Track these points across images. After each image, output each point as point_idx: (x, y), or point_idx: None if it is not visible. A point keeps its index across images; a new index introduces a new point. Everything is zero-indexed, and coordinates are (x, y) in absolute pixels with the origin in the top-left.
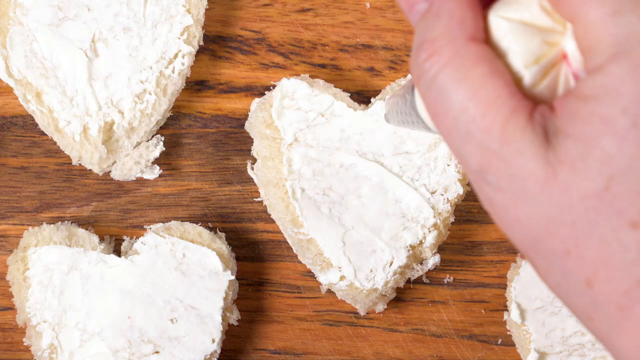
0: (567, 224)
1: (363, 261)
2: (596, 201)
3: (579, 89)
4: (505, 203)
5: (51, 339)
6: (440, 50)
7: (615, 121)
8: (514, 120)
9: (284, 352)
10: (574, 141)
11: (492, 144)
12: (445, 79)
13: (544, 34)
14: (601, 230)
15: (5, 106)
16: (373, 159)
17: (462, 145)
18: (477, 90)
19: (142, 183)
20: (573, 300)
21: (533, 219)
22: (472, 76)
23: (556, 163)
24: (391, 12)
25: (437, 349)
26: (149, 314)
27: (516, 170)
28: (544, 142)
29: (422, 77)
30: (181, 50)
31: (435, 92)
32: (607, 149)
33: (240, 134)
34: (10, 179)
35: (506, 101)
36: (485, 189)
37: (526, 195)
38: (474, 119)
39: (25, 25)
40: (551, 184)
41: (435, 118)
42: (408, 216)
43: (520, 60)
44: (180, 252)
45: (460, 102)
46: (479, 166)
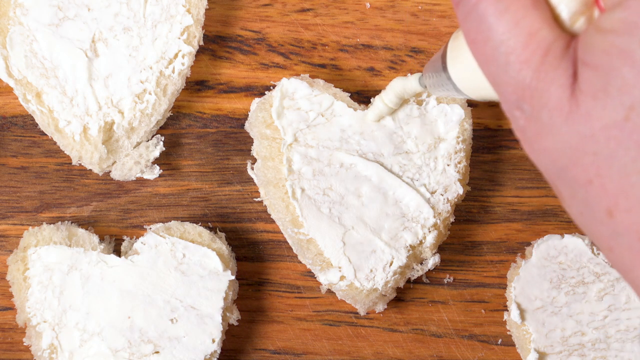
0: (589, 154)
1: (363, 261)
2: (617, 131)
3: (598, 22)
4: (535, 132)
5: (51, 339)
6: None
7: (634, 52)
8: (552, 52)
9: (284, 352)
10: (594, 71)
11: (529, 75)
12: (487, 8)
13: None
14: (622, 160)
15: (5, 106)
16: (373, 159)
17: (499, 74)
18: (518, 22)
19: (142, 183)
20: (595, 229)
21: (558, 148)
22: (514, 7)
23: (579, 93)
24: (391, 12)
25: (437, 349)
26: (149, 314)
27: (546, 99)
28: (574, 74)
29: (461, 4)
30: (181, 50)
31: (475, 20)
32: (627, 78)
33: (240, 134)
34: (10, 179)
35: (547, 34)
36: (519, 118)
37: (553, 125)
38: (514, 49)
39: (25, 25)
40: (574, 113)
41: (473, 45)
42: (408, 216)
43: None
44: (180, 252)
45: (501, 32)
46: (515, 95)
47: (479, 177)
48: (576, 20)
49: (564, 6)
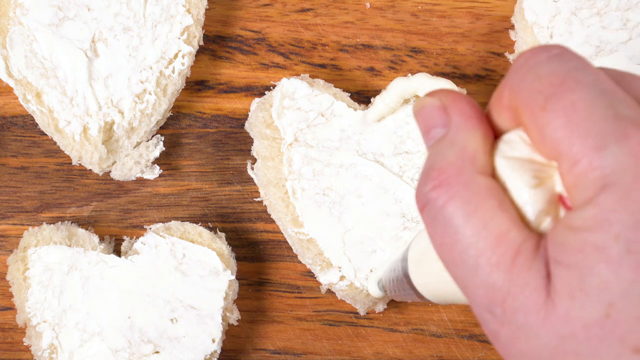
0: (570, 354)
1: (363, 261)
2: (597, 329)
3: (568, 220)
4: (510, 336)
5: (51, 339)
6: (449, 180)
7: (609, 249)
8: (523, 254)
9: (284, 352)
10: (569, 270)
11: (500, 277)
12: (454, 210)
13: (541, 169)
14: (604, 357)
15: (5, 106)
16: (373, 159)
17: (468, 278)
18: (487, 224)
19: (142, 183)
20: None
21: (536, 351)
22: (482, 209)
23: (554, 294)
24: (391, 12)
25: (437, 349)
26: (149, 314)
27: (520, 303)
28: (547, 275)
29: (427, 206)
30: (181, 50)
31: (441, 223)
32: (604, 275)
33: (240, 134)
34: (10, 179)
35: (517, 235)
36: (491, 322)
37: (529, 329)
38: (483, 252)
39: (25, 25)
40: (552, 315)
41: (440, 249)
42: (408, 216)
43: (523, 196)
44: (180, 252)
45: (469, 235)
46: (486, 299)
47: None
48: (542, 220)
49: (529, 206)
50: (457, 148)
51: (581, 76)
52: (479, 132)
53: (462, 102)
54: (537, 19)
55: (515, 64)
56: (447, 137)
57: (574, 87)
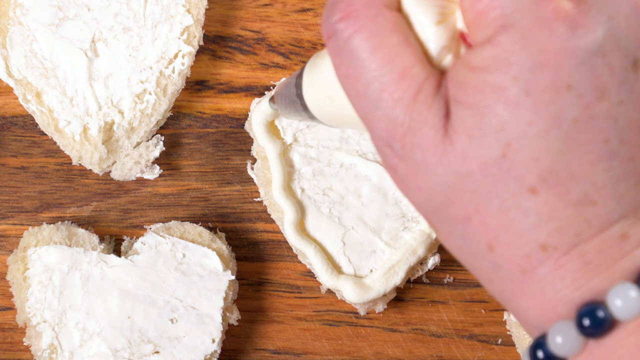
0: (467, 192)
1: (363, 261)
2: (494, 168)
3: (468, 59)
4: (408, 171)
5: (51, 339)
6: (357, 13)
7: (508, 89)
8: (425, 90)
9: (284, 352)
10: (468, 109)
11: (401, 112)
12: (360, 43)
13: (444, 5)
14: (501, 196)
15: (5, 106)
16: (373, 159)
17: (370, 111)
18: (392, 59)
19: (142, 183)
20: (475, 263)
21: (434, 188)
22: (388, 44)
23: (453, 132)
24: None
25: (437, 349)
26: (149, 314)
27: (419, 139)
28: (447, 114)
29: (333, 37)
30: (181, 50)
31: (347, 54)
32: (502, 116)
33: (240, 134)
34: (10, 179)
35: (420, 71)
36: (389, 156)
37: (427, 165)
38: (387, 87)
39: (25, 25)
40: (449, 153)
41: (344, 80)
42: (408, 216)
43: (426, 32)
44: (180, 252)
45: (374, 69)
46: (385, 133)
47: None
48: (445, 56)
49: (432, 42)
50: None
51: None
52: None
53: None
54: None
55: None
56: None
57: None
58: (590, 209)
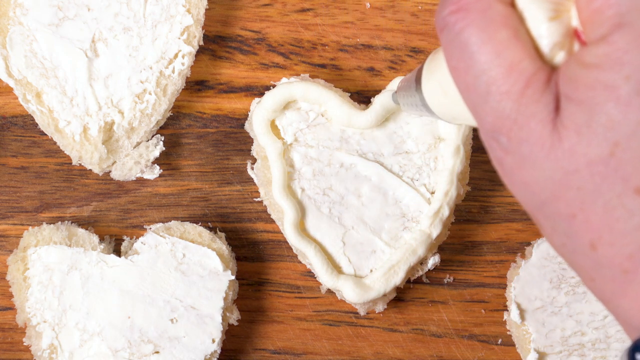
0: (573, 189)
1: (363, 261)
2: (601, 167)
3: (581, 56)
4: (514, 165)
5: (51, 339)
6: (468, 7)
7: (619, 88)
8: (533, 85)
9: (284, 352)
10: (578, 106)
11: (508, 106)
12: (470, 36)
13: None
14: (606, 195)
15: (5, 106)
16: (373, 159)
17: (479, 103)
18: (501, 53)
19: (142, 183)
20: (577, 260)
21: (540, 183)
22: (497, 38)
23: (562, 128)
24: (391, 12)
25: (437, 349)
26: (149, 314)
27: (526, 133)
28: (556, 108)
29: (445, 30)
30: (181, 50)
31: (457, 47)
32: (612, 114)
33: (240, 134)
34: (10, 179)
35: (528, 65)
36: (496, 150)
37: (534, 160)
38: (495, 80)
39: (25, 25)
40: (557, 148)
41: (455, 72)
42: (408, 216)
43: (540, 27)
44: (180, 252)
45: (483, 62)
46: (493, 126)
47: (479, 177)
48: (557, 52)
49: (544, 38)
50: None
51: None
52: None
53: None
54: None
55: None
56: None
57: None
58: None
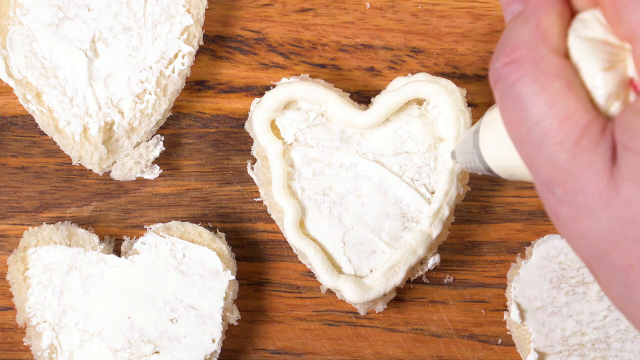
0: (630, 239)
1: (363, 261)
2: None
3: (638, 105)
4: (570, 216)
5: (51, 339)
6: (521, 58)
7: None
8: (588, 135)
9: (284, 352)
10: (636, 156)
11: (563, 157)
12: (523, 88)
13: (614, 52)
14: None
15: (5, 106)
16: (373, 159)
17: (533, 155)
18: (554, 104)
19: (142, 183)
20: (635, 312)
21: (596, 234)
22: (550, 89)
23: (619, 178)
24: (391, 12)
25: (437, 349)
26: (149, 314)
27: (582, 184)
28: (612, 157)
29: (499, 82)
30: (181, 50)
31: (511, 99)
32: None
33: (240, 134)
34: (10, 179)
35: (582, 116)
36: (551, 201)
37: (590, 210)
38: (549, 131)
39: (25, 25)
40: (614, 199)
41: (509, 125)
42: (408, 216)
43: (594, 78)
44: (180, 252)
45: (536, 113)
46: (547, 177)
47: (479, 177)
48: (612, 103)
49: (599, 89)
50: (531, 25)
51: None
52: (554, 10)
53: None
54: None
55: None
56: (523, 14)
57: None
58: None
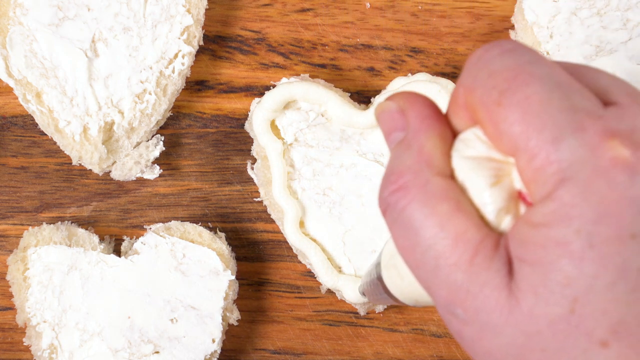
0: (537, 351)
1: (363, 261)
2: (563, 325)
3: (529, 217)
4: (474, 336)
5: (51, 339)
6: (407, 184)
7: (571, 243)
8: (481, 253)
9: (284, 352)
10: (531, 267)
11: (459, 278)
12: (413, 213)
13: (499, 167)
14: (572, 352)
15: (5, 106)
16: (373, 159)
17: (430, 279)
18: (444, 225)
19: (142, 183)
20: None
21: (502, 350)
22: (439, 211)
23: (517, 291)
24: (391, 12)
25: (437, 349)
26: (149, 314)
27: (481, 302)
28: (509, 272)
29: (388, 210)
30: (181, 50)
31: (402, 226)
32: (567, 271)
33: (240, 134)
34: (10, 179)
35: (474, 235)
36: (454, 322)
37: (493, 327)
38: (442, 253)
39: (25, 25)
40: (516, 312)
41: (403, 251)
42: None
43: (482, 195)
44: (180, 252)
45: (428, 237)
46: (447, 299)
47: None
48: (503, 217)
49: (488, 205)
50: (414, 151)
51: (535, 69)
52: (435, 133)
53: (419, 104)
54: (537, 19)
55: (468, 61)
56: (405, 140)
57: (528, 80)
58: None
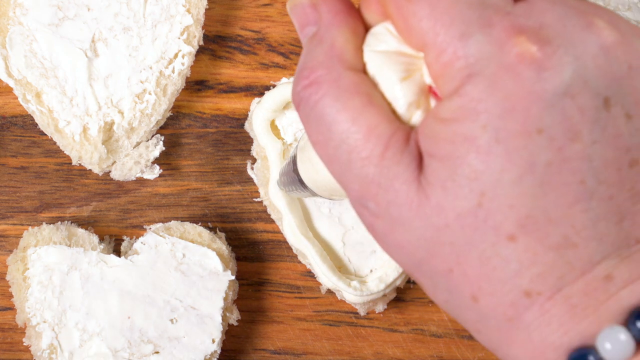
0: (446, 244)
1: (363, 261)
2: (471, 218)
3: (437, 112)
4: (385, 229)
5: (51, 339)
6: (319, 79)
7: (478, 138)
8: (392, 147)
9: (284, 352)
10: (440, 161)
11: (371, 171)
12: (325, 108)
13: (409, 61)
14: (480, 246)
15: (5, 106)
16: None
17: (343, 173)
18: (356, 120)
19: (142, 183)
20: (461, 314)
21: (412, 243)
22: (351, 106)
23: (427, 185)
24: None
25: (437, 349)
26: (149, 314)
27: (392, 196)
28: (419, 166)
29: (301, 105)
30: (181, 50)
31: (315, 120)
32: (474, 165)
33: (240, 134)
34: (10, 179)
35: (385, 128)
36: (366, 216)
37: (403, 221)
38: (354, 147)
39: (25, 25)
40: (424, 206)
41: (317, 146)
42: None
43: (393, 89)
44: (180, 252)
45: (340, 131)
46: (359, 193)
47: None
48: (413, 112)
49: (399, 99)
50: (325, 45)
51: None
52: (347, 28)
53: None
54: None
55: None
56: (317, 35)
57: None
58: (571, 252)
